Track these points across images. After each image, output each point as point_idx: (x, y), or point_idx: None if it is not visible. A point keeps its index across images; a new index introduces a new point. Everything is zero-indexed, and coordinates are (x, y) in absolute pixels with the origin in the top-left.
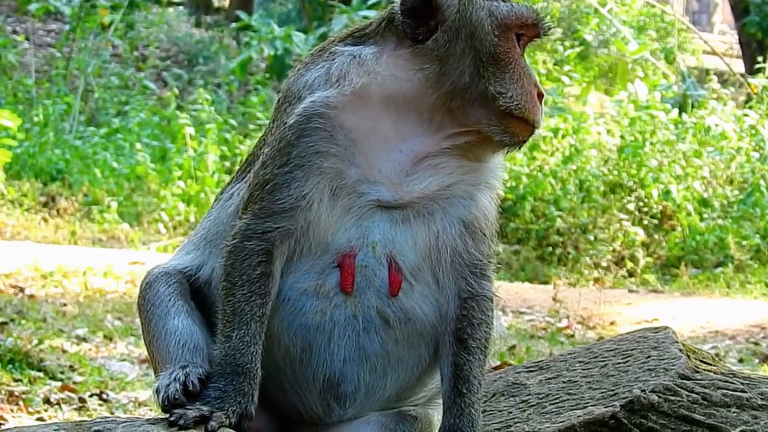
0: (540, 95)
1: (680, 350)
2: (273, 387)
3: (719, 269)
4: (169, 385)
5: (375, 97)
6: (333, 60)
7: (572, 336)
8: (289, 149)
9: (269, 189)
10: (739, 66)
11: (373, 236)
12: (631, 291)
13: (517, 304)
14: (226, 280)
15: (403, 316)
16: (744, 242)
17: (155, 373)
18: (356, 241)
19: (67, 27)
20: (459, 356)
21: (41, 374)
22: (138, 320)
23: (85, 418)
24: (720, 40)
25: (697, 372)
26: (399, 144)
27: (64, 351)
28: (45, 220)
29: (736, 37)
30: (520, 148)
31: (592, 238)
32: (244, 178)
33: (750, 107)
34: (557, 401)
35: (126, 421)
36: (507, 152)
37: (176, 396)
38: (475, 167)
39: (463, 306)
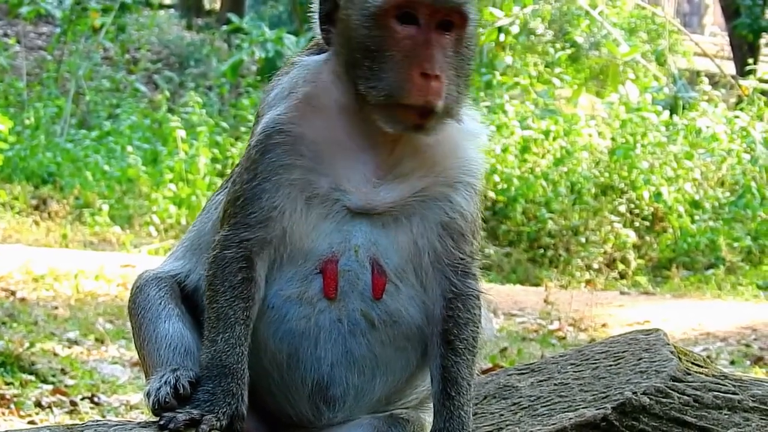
0: (426, 74)
1: (672, 352)
2: (262, 390)
3: (710, 271)
4: (159, 388)
5: (325, 106)
6: (289, 72)
7: (564, 338)
8: (254, 166)
9: (241, 204)
10: (730, 68)
11: (356, 240)
12: (622, 293)
13: (508, 306)
14: (210, 289)
15: (389, 319)
16: (735, 244)
17: (146, 376)
18: (338, 246)
19: (58, 30)
20: (447, 358)
21: (32, 377)
22: (129, 323)
23: (77, 422)
24: (711, 42)
25: (689, 374)
26: (358, 154)
27: (55, 354)
28: (36, 223)
29: (727, 38)
30: (424, 129)
31: (583, 240)
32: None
33: (741, 109)
34: (549, 404)
35: (117, 425)
36: (417, 133)
37: (167, 399)
38: (448, 165)
39: (448, 306)
